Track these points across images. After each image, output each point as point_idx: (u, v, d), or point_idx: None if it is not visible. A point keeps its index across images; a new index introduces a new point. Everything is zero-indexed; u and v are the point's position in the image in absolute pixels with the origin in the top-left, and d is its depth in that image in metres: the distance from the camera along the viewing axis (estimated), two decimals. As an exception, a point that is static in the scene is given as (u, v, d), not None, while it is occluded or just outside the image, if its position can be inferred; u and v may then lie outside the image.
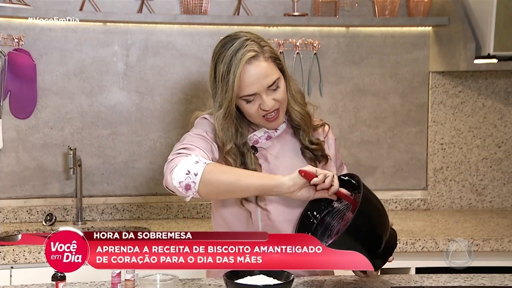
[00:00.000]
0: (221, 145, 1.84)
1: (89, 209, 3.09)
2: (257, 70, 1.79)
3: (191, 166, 1.68)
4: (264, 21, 3.07)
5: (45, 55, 3.05)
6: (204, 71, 3.16)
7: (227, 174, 1.70)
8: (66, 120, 3.09)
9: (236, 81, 1.77)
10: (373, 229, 1.68)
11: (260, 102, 1.82)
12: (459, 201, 3.40)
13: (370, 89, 3.32)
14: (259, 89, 1.80)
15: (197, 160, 1.71)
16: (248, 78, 1.78)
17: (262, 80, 1.79)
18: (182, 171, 1.68)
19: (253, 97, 1.81)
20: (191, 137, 1.83)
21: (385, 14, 3.17)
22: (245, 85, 1.79)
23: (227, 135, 1.83)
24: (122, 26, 3.10)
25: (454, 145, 3.37)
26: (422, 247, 2.72)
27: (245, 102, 1.83)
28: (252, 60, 1.79)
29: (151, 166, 3.17)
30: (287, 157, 1.92)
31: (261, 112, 1.83)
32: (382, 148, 3.35)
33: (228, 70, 1.80)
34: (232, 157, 1.83)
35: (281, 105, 1.85)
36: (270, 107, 1.81)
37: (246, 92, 1.80)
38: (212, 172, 1.68)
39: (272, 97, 1.82)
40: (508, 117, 3.38)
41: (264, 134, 1.92)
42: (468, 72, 3.32)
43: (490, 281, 1.94)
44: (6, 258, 2.54)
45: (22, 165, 3.07)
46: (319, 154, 1.93)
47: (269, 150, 1.91)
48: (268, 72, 1.80)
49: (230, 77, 1.79)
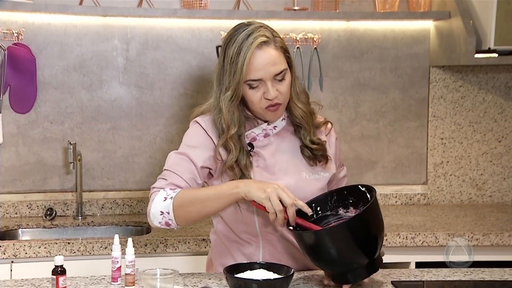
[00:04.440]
0: (225, 128, 1.83)
1: (89, 204, 3.09)
2: (267, 56, 1.79)
3: (162, 205, 1.77)
4: (264, 16, 3.06)
5: (45, 50, 3.04)
6: (204, 66, 3.17)
7: (193, 204, 1.76)
8: (66, 115, 3.09)
9: (245, 63, 1.77)
10: (367, 235, 1.67)
11: (265, 90, 1.81)
12: (459, 195, 3.40)
13: (370, 84, 3.31)
14: (265, 76, 1.80)
15: (165, 196, 1.78)
16: (257, 63, 1.79)
17: (270, 67, 1.79)
18: (157, 212, 1.79)
19: (258, 83, 1.81)
20: (173, 160, 1.86)
21: (386, 8, 3.16)
22: (253, 69, 1.79)
23: (233, 119, 1.84)
24: (122, 20, 3.09)
25: (454, 139, 3.37)
26: (422, 242, 2.73)
27: (249, 88, 1.82)
28: (263, 45, 1.79)
29: (151, 161, 3.17)
30: (284, 155, 1.91)
31: (264, 101, 1.82)
32: (383, 143, 3.35)
33: (238, 52, 1.79)
34: (233, 142, 1.83)
35: (283, 100, 1.84)
36: (273, 96, 1.80)
37: (252, 76, 1.79)
38: (181, 207, 1.76)
39: (276, 88, 1.82)
40: (508, 112, 3.37)
41: (262, 132, 1.91)
42: (469, 67, 3.31)
43: (490, 275, 1.94)
44: (6, 252, 2.54)
45: (22, 160, 3.07)
46: (318, 154, 1.91)
47: (266, 147, 1.90)
48: (277, 60, 1.81)
49: (239, 59, 1.78)
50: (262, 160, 1.89)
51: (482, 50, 2.95)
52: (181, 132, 3.13)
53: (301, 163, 1.91)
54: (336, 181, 2.03)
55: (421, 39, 3.31)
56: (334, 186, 2.01)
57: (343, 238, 1.63)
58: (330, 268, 1.73)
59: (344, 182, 2.07)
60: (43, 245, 2.58)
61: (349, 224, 1.64)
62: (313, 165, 1.91)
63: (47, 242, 2.59)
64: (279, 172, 1.89)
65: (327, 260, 1.68)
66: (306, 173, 1.90)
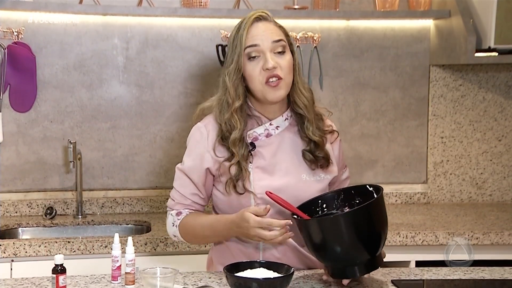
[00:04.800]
0: (230, 102, 1.87)
1: (89, 203, 3.09)
2: (264, 27, 1.86)
3: (172, 230, 1.97)
4: (264, 14, 3.06)
5: (45, 48, 3.04)
6: (204, 64, 3.17)
7: (195, 237, 1.96)
8: (66, 114, 3.09)
9: (244, 33, 1.84)
10: (371, 229, 1.68)
11: (264, 61, 1.83)
12: (459, 194, 3.40)
13: (370, 83, 3.31)
14: (262, 42, 1.83)
15: (173, 222, 1.96)
16: (255, 30, 1.85)
17: (267, 34, 1.84)
18: (171, 233, 1.99)
19: (257, 52, 1.83)
20: (177, 177, 1.96)
21: (386, 7, 3.16)
22: (251, 36, 1.84)
23: (238, 92, 1.87)
24: (122, 19, 3.09)
25: (455, 138, 3.37)
26: (422, 241, 2.73)
27: (248, 59, 1.84)
28: (262, 19, 1.88)
29: (151, 160, 3.17)
30: (285, 156, 1.91)
31: (263, 74, 1.83)
32: (383, 142, 3.35)
33: (239, 28, 1.87)
34: (238, 115, 1.86)
35: (284, 76, 1.84)
36: (271, 65, 1.81)
37: (250, 42, 1.84)
38: (186, 235, 1.96)
39: (276, 60, 1.83)
40: (508, 111, 3.37)
41: (264, 132, 1.91)
42: (469, 66, 3.31)
43: (490, 274, 1.94)
44: (6, 251, 2.54)
45: (22, 159, 3.06)
46: (320, 156, 1.91)
47: (267, 147, 1.90)
48: (275, 31, 1.87)
49: (239, 33, 1.86)
50: (262, 160, 1.89)
51: (482, 49, 2.95)
52: (181, 131, 3.14)
53: (302, 165, 1.91)
54: (338, 183, 2.03)
55: (421, 38, 3.31)
56: (336, 188, 2.01)
57: (347, 229, 1.64)
58: (330, 260, 1.73)
59: (347, 183, 2.07)
60: (43, 244, 2.58)
61: (354, 214, 1.66)
62: (314, 169, 1.91)
63: (47, 241, 2.59)
64: (278, 172, 1.89)
65: (329, 251, 1.69)
66: (306, 175, 1.90)
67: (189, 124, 3.27)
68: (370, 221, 1.67)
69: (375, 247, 1.70)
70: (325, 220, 1.70)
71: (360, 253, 1.68)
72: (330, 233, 1.66)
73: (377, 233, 1.69)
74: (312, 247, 1.72)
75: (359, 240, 1.66)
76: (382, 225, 1.71)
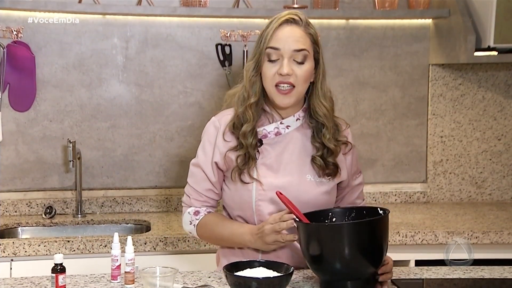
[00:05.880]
0: (246, 97, 1.88)
1: (89, 202, 3.09)
2: (291, 32, 1.85)
3: (189, 227, 2.00)
4: (264, 14, 3.06)
5: (44, 48, 3.04)
6: (204, 64, 3.17)
7: (212, 239, 2.00)
8: (65, 113, 3.09)
9: (270, 32, 1.85)
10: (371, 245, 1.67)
11: (280, 66, 1.83)
12: (459, 193, 3.40)
13: (370, 82, 3.31)
14: (284, 48, 1.83)
15: (190, 220, 1.98)
16: (280, 33, 1.84)
17: (291, 41, 1.83)
18: (187, 229, 2.02)
19: (277, 55, 1.84)
20: (192, 173, 1.98)
21: (385, 6, 3.16)
22: (275, 37, 1.84)
23: (254, 88, 1.88)
24: (122, 18, 3.09)
25: (454, 137, 3.37)
26: (421, 240, 2.73)
27: (267, 59, 1.85)
28: (292, 22, 1.86)
29: (150, 159, 3.16)
30: (292, 156, 1.91)
31: (276, 78, 1.84)
32: (382, 141, 3.35)
33: (268, 25, 1.88)
34: (252, 110, 1.87)
35: (297, 85, 1.85)
36: (285, 72, 1.82)
37: (272, 43, 1.84)
38: (202, 236, 1.99)
39: (292, 68, 1.83)
40: (508, 110, 3.37)
41: (274, 130, 1.92)
42: (468, 65, 3.31)
43: (489, 273, 1.94)
44: (6, 250, 2.54)
45: (22, 158, 3.06)
46: (330, 162, 1.91)
47: (274, 145, 1.91)
48: (301, 39, 1.85)
49: (266, 30, 1.86)
50: (268, 157, 1.89)
51: (482, 48, 2.95)
52: (181, 130, 3.14)
53: (308, 166, 1.91)
54: (350, 188, 2.03)
55: (421, 37, 3.31)
56: (348, 194, 2.02)
57: (346, 239, 1.63)
58: (322, 270, 1.71)
59: (360, 190, 2.06)
60: (43, 243, 2.58)
61: (354, 226, 1.66)
62: (321, 176, 1.91)
63: (46, 240, 2.59)
64: (283, 171, 1.89)
65: (324, 260, 1.67)
66: (311, 176, 1.90)
67: (189, 123, 3.28)
68: (372, 237, 1.66)
69: (372, 264, 1.69)
70: (325, 227, 1.69)
71: (357, 268, 1.67)
72: (327, 241, 1.65)
73: (376, 250, 1.68)
74: (307, 253, 1.70)
75: (359, 253, 1.65)
76: (382, 245, 1.69)
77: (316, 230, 1.68)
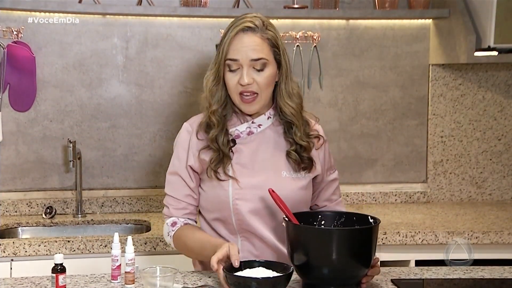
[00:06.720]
0: (208, 106, 1.89)
1: (89, 202, 3.09)
2: (248, 41, 1.83)
3: (167, 239, 1.98)
4: (264, 14, 2.99)
5: (45, 48, 3.04)
6: (204, 64, 3.16)
7: (186, 252, 1.97)
8: (65, 113, 3.09)
9: (227, 43, 1.84)
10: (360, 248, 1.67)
11: (240, 76, 1.83)
12: (459, 193, 3.40)
13: (370, 82, 3.31)
14: (242, 58, 1.82)
15: (168, 231, 1.96)
16: (237, 44, 1.83)
17: (248, 51, 1.82)
18: (168, 242, 2.00)
19: (236, 65, 1.83)
20: (169, 181, 1.97)
21: (385, 6, 3.16)
22: (232, 48, 1.83)
23: (216, 98, 1.89)
24: (122, 18, 3.09)
25: (454, 137, 3.37)
26: (422, 240, 2.73)
27: (228, 70, 1.85)
28: (248, 30, 1.84)
29: (151, 159, 3.16)
30: (265, 154, 1.92)
31: (239, 87, 1.84)
32: (382, 141, 3.35)
33: (225, 34, 1.86)
34: (216, 118, 1.88)
35: (260, 91, 1.85)
36: (246, 82, 1.82)
37: (230, 55, 1.83)
38: (178, 248, 1.97)
39: (253, 76, 1.83)
40: (508, 110, 3.37)
41: (246, 129, 1.92)
42: (468, 65, 3.31)
43: (489, 274, 1.94)
44: (6, 250, 2.54)
45: (22, 158, 3.06)
46: (305, 157, 1.91)
47: (247, 144, 1.92)
48: (258, 48, 1.83)
49: (224, 40, 1.85)
50: (242, 156, 1.90)
51: (482, 48, 2.95)
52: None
53: (283, 163, 1.92)
54: (325, 184, 2.04)
55: (421, 37, 3.31)
56: (323, 189, 2.03)
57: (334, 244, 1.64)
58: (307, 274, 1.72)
59: (335, 185, 2.06)
60: (43, 243, 2.58)
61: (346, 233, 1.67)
62: (297, 171, 1.92)
63: (46, 240, 2.59)
64: (258, 169, 1.90)
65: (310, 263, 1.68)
66: (287, 172, 1.91)
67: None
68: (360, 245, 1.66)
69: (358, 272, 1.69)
70: (314, 230, 1.71)
71: (342, 274, 1.67)
72: (315, 244, 1.65)
73: (361, 260, 1.68)
74: (292, 253, 1.71)
75: (346, 260, 1.66)
76: (370, 254, 1.69)
77: (305, 232, 1.70)
